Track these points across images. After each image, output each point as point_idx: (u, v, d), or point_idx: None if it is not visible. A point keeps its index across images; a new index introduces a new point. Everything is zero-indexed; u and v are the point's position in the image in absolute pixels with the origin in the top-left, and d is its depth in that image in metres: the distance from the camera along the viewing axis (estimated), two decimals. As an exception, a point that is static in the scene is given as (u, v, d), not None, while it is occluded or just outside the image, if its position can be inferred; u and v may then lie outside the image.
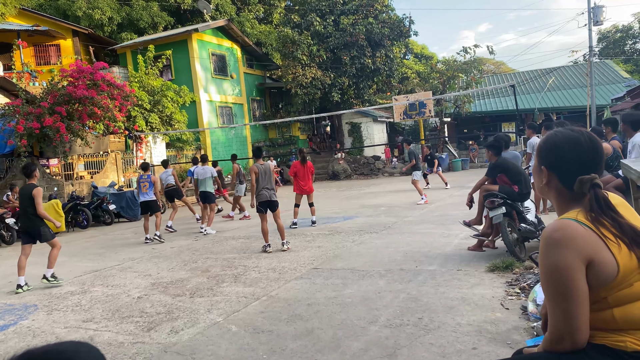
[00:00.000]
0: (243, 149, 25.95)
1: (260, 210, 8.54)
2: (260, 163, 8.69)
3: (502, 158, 6.96)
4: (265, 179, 8.54)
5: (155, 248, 10.00)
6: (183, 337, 4.71)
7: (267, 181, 8.54)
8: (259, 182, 8.50)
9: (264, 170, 8.57)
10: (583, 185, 1.59)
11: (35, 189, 7.19)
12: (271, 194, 8.52)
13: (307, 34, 25.87)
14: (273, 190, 8.59)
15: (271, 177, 8.66)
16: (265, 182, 8.52)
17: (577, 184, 1.60)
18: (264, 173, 8.55)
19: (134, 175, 18.99)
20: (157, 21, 27.73)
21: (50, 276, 7.36)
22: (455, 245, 7.59)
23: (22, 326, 5.52)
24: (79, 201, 14.78)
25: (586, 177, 1.59)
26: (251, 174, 8.57)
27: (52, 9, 26.26)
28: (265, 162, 8.85)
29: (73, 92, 15.06)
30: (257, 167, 8.56)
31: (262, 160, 8.87)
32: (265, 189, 8.50)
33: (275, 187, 8.88)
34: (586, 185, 1.59)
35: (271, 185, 8.58)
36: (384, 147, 28.08)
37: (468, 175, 20.55)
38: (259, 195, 8.51)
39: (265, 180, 8.53)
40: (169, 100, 21.11)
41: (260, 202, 8.51)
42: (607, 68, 31.80)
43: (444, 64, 28.44)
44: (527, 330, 4.10)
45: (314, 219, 11.17)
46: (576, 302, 1.48)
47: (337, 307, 5.14)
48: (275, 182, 8.98)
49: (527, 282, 5.28)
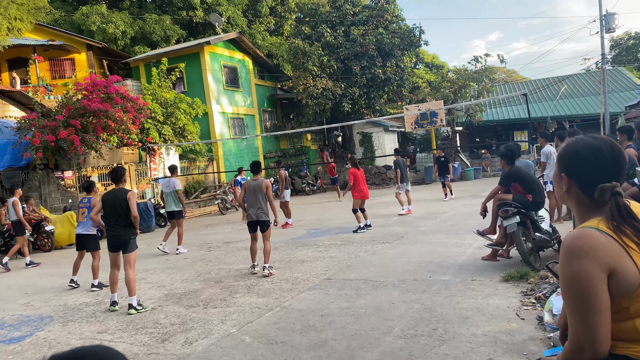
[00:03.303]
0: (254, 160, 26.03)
1: (249, 230, 8.08)
2: (254, 179, 8.10)
3: (515, 167, 6.92)
4: (253, 197, 7.97)
5: (168, 259, 10.04)
6: (197, 348, 4.72)
7: (255, 200, 7.95)
8: (247, 200, 8.07)
9: (253, 188, 7.99)
10: (603, 194, 1.58)
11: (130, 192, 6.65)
12: (258, 213, 7.90)
13: (318, 45, 26.01)
14: (261, 209, 7.91)
15: (259, 196, 7.97)
16: (252, 201, 7.96)
17: (597, 192, 1.59)
18: (252, 191, 7.98)
19: (147, 187, 19.16)
20: (169, 34, 28.07)
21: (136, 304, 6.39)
22: (469, 255, 7.53)
23: (38, 337, 5.56)
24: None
25: (607, 185, 1.57)
26: (242, 189, 8.27)
27: (67, 23, 26.69)
28: (259, 179, 8.08)
29: (87, 105, 15.26)
30: (248, 183, 8.11)
31: (259, 176, 8.16)
32: (251, 208, 7.95)
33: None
34: (607, 194, 1.57)
35: (258, 204, 7.91)
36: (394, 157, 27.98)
37: (481, 184, 20.42)
38: (248, 215, 8.06)
39: (252, 198, 7.97)
40: (182, 112, 21.31)
41: (248, 222, 8.09)
42: (620, 75, 31.54)
43: (455, 73, 28.39)
44: (544, 340, 4.05)
45: (368, 222, 11.18)
46: (597, 312, 1.46)
47: (351, 318, 5.12)
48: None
49: (543, 292, 5.22)
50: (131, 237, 6.56)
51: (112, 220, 6.52)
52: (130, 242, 6.55)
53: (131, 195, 6.54)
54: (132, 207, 6.47)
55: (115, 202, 6.50)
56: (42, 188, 15.92)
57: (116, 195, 6.56)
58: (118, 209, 6.48)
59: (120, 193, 6.57)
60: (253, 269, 7.95)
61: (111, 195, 6.60)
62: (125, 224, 6.52)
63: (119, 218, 6.50)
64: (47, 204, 15.67)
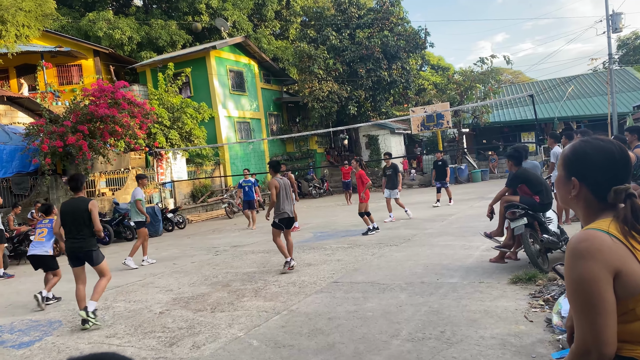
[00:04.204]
0: (261, 164, 26.10)
1: (280, 227, 8.21)
2: (279, 177, 8.31)
3: (522, 168, 6.88)
4: (285, 194, 8.19)
5: (176, 263, 10.08)
6: (205, 352, 4.73)
7: (287, 196, 8.20)
8: (279, 197, 8.14)
9: (284, 184, 8.21)
10: (618, 196, 1.57)
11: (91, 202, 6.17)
12: (292, 209, 8.28)
13: (323, 48, 26.06)
14: (292, 206, 8.35)
15: (289, 192, 8.34)
16: (286, 198, 8.18)
17: (611, 195, 1.57)
18: (284, 188, 8.19)
19: (155, 192, 19.24)
20: (175, 39, 28.23)
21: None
22: (477, 258, 7.50)
23: (47, 342, 5.60)
24: (101, 218, 14.99)
25: (621, 187, 1.56)
26: (271, 189, 8.12)
27: (74, 30, 26.90)
28: (284, 177, 8.49)
29: (95, 110, 15.37)
30: (277, 181, 8.15)
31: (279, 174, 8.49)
32: (287, 205, 8.18)
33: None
34: (621, 195, 1.56)
35: (291, 201, 8.30)
36: (401, 160, 27.98)
37: (488, 186, 20.34)
38: (282, 212, 8.17)
39: (286, 195, 8.19)
40: (188, 116, 21.43)
41: (281, 219, 8.19)
42: (628, 75, 31.35)
43: (461, 75, 28.34)
44: (552, 343, 4.03)
45: (376, 225, 11.22)
46: (603, 314, 1.45)
47: (358, 321, 5.11)
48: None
49: (551, 294, 5.19)
50: (93, 249, 6.16)
51: (74, 231, 6.09)
52: (94, 254, 6.16)
53: (92, 206, 6.08)
54: (94, 219, 6.06)
55: (77, 213, 6.07)
56: (50, 193, 16.03)
57: (78, 205, 6.11)
58: (80, 220, 6.06)
59: (82, 203, 6.13)
60: (293, 261, 8.09)
61: (71, 206, 6.15)
62: (88, 235, 6.11)
63: (82, 229, 6.07)
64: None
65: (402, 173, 12.89)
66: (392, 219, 12.70)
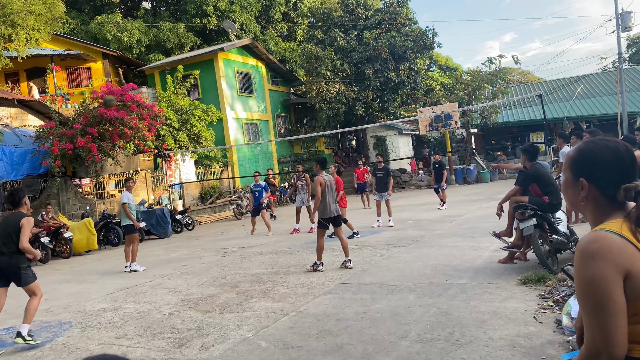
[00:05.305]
0: (269, 165, 26.15)
1: (325, 226, 8.09)
2: (324, 174, 8.14)
3: (534, 168, 6.81)
4: (330, 192, 8.04)
5: (185, 264, 10.12)
6: (214, 353, 4.75)
7: (331, 194, 8.06)
8: (325, 195, 7.98)
9: (329, 182, 8.05)
10: (628, 193, 1.56)
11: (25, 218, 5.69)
12: (337, 208, 8.16)
13: (331, 49, 26.07)
14: (337, 204, 8.22)
15: (334, 190, 8.21)
16: (331, 196, 8.04)
17: (621, 193, 1.56)
18: (329, 185, 8.04)
19: (163, 193, 19.34)
20: (183, 42, 28.37)
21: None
22: (486, 258, 7.47)
23: (58, 343, 5.64)
24: (111, 219, 15.10)
25: (631, 184, 1.55)
26: (317, 186, 7.95)
27: (83, 33, 27.11)
28: (328, 174, 8.31)
29: (104, 113, 15.48)
30: (323, 178, 8.00)
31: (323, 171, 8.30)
32: (333, 203, 8.06)
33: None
34: (631, 193, 1.55)
35: (335, 199, 8.16)
36: (409, 160, 27.93)
37: (497, 186, 20.25)
38: (327, 210, 8.00)
39: (330, 193, 8.05)
40: (197, 118, 21.53)
41: (326, 217, 8.04)
42: (638, 74, 31.09)
43: (469, 75, 28.23)
44: (562, 344, 4.01)
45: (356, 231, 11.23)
46: (613, 316, 1.44)
47: (367, 322, 5.11)
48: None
49: (561, 294, 5.16)
50: (20, 266, 5.61)
51: (1, 246, 5.61)
52: (21, 273, 5.62)
53: (25, 222, 5.59)
54: (22, 235, 5.53)
55: (8, 228, 5.64)
56: (60, 195, 16.16)
57: (9, 220, 5.71)
58: (9, 234, 5.60)
59: (15, 218, 5.67)
60: (322, 266, 7.94)
61: (6, 219, 5.79)
62: (13, 252, 5.59)
63: (8, 244, 5.59)
64: (65, 211, 15.90)
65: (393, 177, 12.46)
66: (380, 223, 12.43)
